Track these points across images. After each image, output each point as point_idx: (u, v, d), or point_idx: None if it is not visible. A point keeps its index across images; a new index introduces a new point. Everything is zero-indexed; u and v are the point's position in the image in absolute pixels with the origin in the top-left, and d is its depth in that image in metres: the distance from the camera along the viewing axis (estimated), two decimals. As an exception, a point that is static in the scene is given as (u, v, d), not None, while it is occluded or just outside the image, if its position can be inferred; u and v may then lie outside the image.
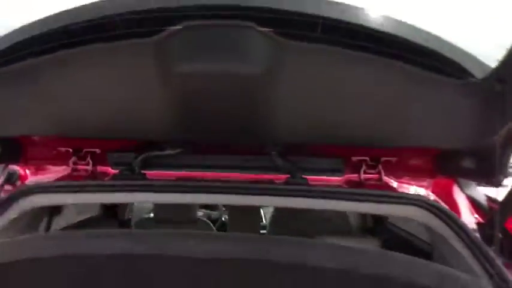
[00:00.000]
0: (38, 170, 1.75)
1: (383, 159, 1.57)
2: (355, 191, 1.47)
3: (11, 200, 1.45)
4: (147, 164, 1.59)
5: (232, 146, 1.59)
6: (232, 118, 1.31)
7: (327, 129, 1.33)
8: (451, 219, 1.38)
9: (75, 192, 1.49)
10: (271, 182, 1.52)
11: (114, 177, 1.58)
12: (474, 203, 1.63)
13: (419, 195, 1.47)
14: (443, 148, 1.44)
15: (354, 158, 1.58)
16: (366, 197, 1.43)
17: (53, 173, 1.71)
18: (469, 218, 1.54)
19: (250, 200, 1.45)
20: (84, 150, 1.63)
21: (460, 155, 1.51)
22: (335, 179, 1.61)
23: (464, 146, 1.34)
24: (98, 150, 1.64)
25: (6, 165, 1.78)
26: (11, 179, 1.73)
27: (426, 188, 1.64)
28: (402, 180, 1.66)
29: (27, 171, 1.76)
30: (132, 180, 1.51)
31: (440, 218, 1.39)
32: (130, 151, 1.60)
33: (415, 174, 1.65)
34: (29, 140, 1.67)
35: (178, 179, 1.55)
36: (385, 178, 1.62)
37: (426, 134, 1.34)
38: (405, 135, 1.34)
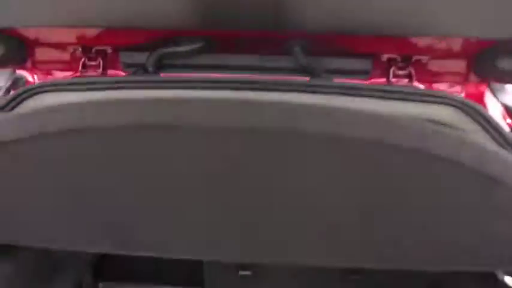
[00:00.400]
0: (46, 75, 1.67)
1: (414, 58, 1.46)
2: (383, 88, 1.34)
3: (17, 99, 1.35)
4: (162, 65, 1.50)
5: (253, 45, 1.48)
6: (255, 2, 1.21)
7: (357, 16, 1.22)
8: (491, 124, 1.28)
9: (87, 90, 1.40)
10: None
11: (128, 75, 1.49)
12: (507, 109, 1.55)
13: (454, 94, 1.37)
14: (481, 38, 1.32)
15: (383, 57, 1.47)
16: (395, 94, 1.31)
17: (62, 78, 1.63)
18: (502, 123, 1.45)
19: (273, 96, 1.35)
20: (95, 48, 1.53)
21: (497, 55, 1.41)
22: (362, 81, 1.51)
23: (504, 38, 1.23)
24: (109, 49, 1.54)
25: (14, 70, 1.70)
26: (17, 83, 1.66)
27: (459, 93, 1.54)
28: (433, 86, 1.56)
29: (35, 77, 1.67)
30: (148, 76, 1.42)
31: (478, 122, 1.29)
32: (144, 51, 1.50)
33: (447, 77, 1.54)
34: (35, 40, 1.57)
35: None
36: (416, 83, 1.52)
37: (464, 22, 1.23)
38: (442, 22, 1.23)
